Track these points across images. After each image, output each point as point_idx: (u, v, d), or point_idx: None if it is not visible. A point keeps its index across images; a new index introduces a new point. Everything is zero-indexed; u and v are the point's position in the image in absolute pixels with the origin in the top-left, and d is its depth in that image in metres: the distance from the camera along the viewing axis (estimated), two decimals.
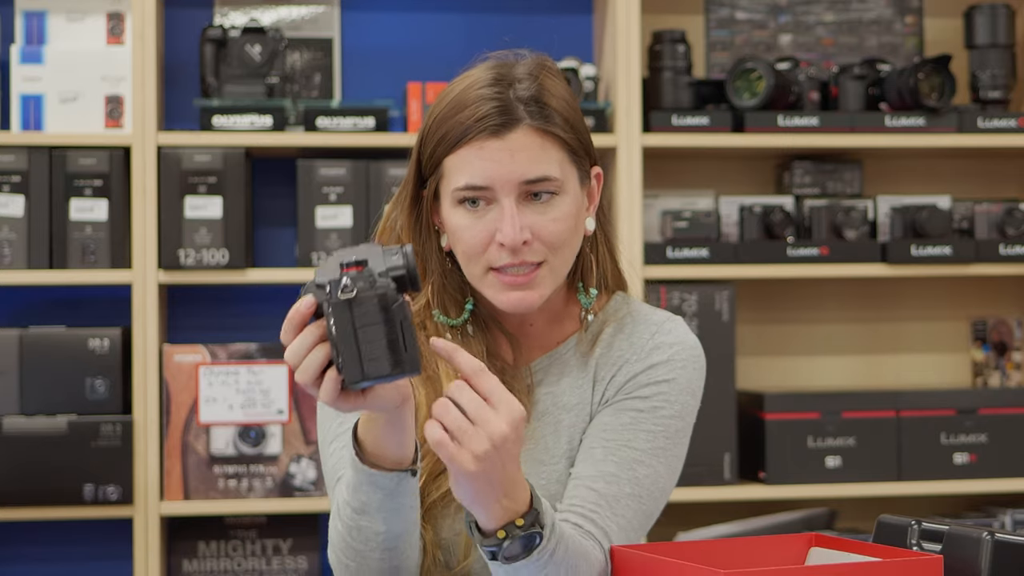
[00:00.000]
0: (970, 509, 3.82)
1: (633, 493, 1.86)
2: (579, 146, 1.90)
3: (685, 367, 1.95)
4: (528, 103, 1.86)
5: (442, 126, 1.87)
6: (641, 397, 1.92)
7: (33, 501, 3.34)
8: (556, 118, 1.87)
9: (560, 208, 1.87)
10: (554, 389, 1.96)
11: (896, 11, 4.00)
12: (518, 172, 1.84)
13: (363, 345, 1.56)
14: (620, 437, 1.89)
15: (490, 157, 1.84)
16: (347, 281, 1.57)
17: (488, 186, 1.84)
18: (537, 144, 1.85)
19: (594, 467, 1.87)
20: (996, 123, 3.71)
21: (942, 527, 1.66)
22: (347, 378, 1.57)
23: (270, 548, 3.60)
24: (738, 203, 3.73)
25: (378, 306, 1.56)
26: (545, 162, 1.85)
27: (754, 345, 3.86)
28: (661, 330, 1.97)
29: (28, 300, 3.62)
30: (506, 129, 1.84)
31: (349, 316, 1.56)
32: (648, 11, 3.72)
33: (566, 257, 1.90)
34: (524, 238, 1.84)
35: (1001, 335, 3.95)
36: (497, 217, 1.85)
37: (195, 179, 3.44)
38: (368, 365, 1.56)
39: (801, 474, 3.57)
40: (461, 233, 1.87)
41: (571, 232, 1.89)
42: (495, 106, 1.85)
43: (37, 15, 3.56)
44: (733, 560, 1.68)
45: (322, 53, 3.76)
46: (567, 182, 1.88)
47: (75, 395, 3.39)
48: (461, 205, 1.86)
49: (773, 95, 3.61)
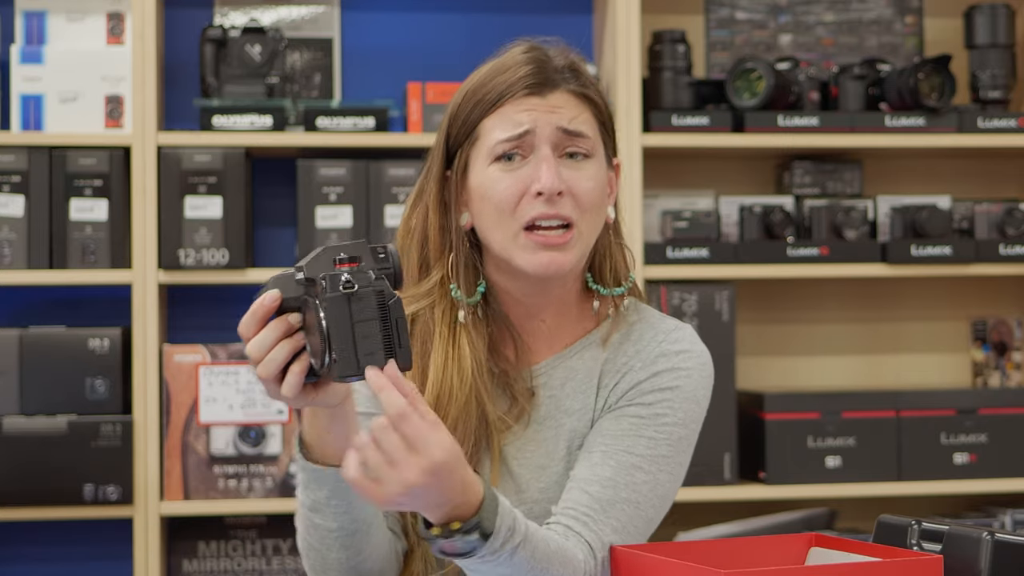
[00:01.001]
0: (970, 509, 3.82)
1: (630, 499, 1.85)
2: (609, 123, 1.96)
3: (691, 375, 1.94)
4: (563, 71, 1.92)
5: (478, 92, 1.92)
6: (644, 404, 1.91)
7: (33, 501, 3.34)
8: (591, 87, 1.94)
9: (592, 170, 1.91)
10: (557, 393, 1.95)
11: (896, 11, 4.00)
12: (558, 121, 1.89)
13: (360, 340, 1.57)
14: (619, 443, 1.88)
15: (531, 109, 1.89)
16: (347, 276, 1.58)
17: (530, 129, 1.87)
18: (575, 105, 1.91)
19: (591, 471, 1.86)
20: (996, 123, 3.71)
21: (942, 527, 1.66)
22: (340, 371, 1.58)
23: (270, 548, 3.60)
24: (738, 203, 3.73)
25: (376, 302, 1.58)
26: (582, 121, 1.91)
27: (754, 345, 3.86)
28: (668, 338, 1.96)
29: (28, 300, 3.62)
30: (545, 89, 1.90)
31: (347, 310, 1.57)
32: (648, 11, 3.72)
33: (594, 226, 1.92)
34: (561, 187, 1.87)
35: (1001, 335, 3.95)
36: (533, 168, 1.88)
37: (195, 179, 3.44)
38: (364, 359, 1.57)
39: (801, 474, 3.57)
40: (495, 188, 1.89)
41: (600, 199, 1.92)
42: (534, 68, 1.91)
43: (37, 15, 3.56)
44: (733, 560, 1.68)
45: (322, 53, 3.77)
46: (597, 150, 1.93)
47: (75, 395, 3.39)
48: (496, 162, 1.89)
49: (773, 95, 3.61)
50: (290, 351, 1.63)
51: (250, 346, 1.64)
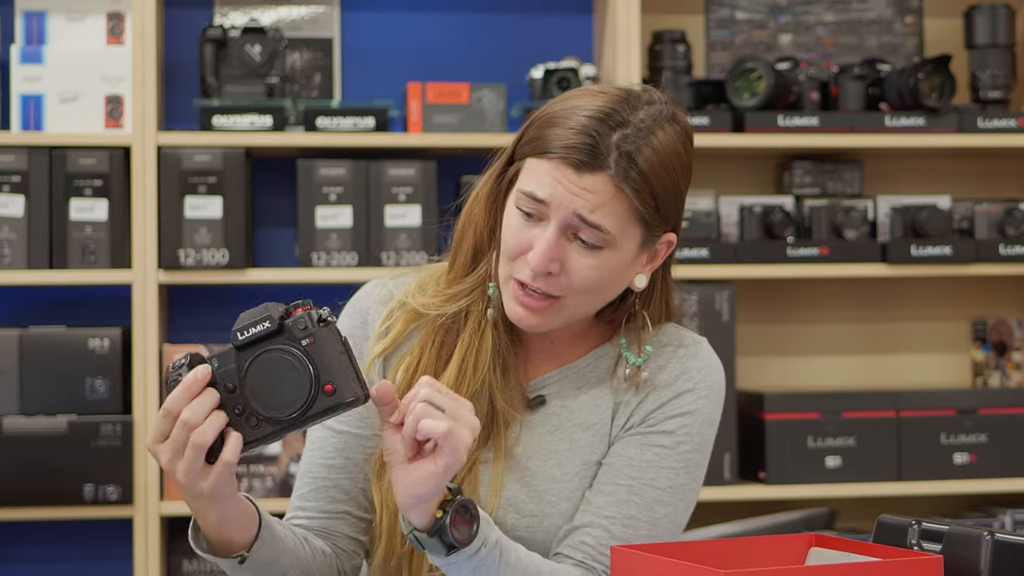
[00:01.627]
0: (970, 509, 3.82)
1: (649, 535, 1.88)
2: (655, 213, 1.85)
3: (709, 396, 1.95)
4: (620, 156, 1.81)
5: (542, 129, 1.85)
6: (666, 432, 1.91)
7: (33, 501, 3.34)
8: (639, 182, 1.82)
9: (602, 258, 1.84)
10: (570, 403, 1.94)
11: (896, 11, 4.00)
12: (577, 204, 1.81)
13: (356, 362, 1.64)
14: (644, 475, 1.89)
15: (560, 181, 1.81)
16: (322, 312, 1.64)
17: (546, 201, 1.82)
18: (609, 195, 1.82)
19: (615, 508, 1.88)
20: (996, 123, 3.71)
21: (942, 527, 1.66)
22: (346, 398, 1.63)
23: None
24: (738, 203, 3.73)
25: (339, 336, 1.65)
26: (606, 214, 1.82)
27: (754, 345, 3.86)
28: (688, 353, 1.96)
29: (28, 300, 3.62)
30: (586, 169, 1.81)
31: (335, 338, 1.63)
32: (648, 11, 3.72)
33: (587, 302, 1.88)
34: (550, 269, 1.83)
35: (1001, 335, 3.95)
36: (536, 237, 1.84)
37: (195, 179, 3.44)
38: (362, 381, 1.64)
39: (801, 474, 3.57)
40: (507, 232, 1.87)
41: (604, 283, 1.87)
42: (587, 142, 1.81)
43: (37, 15, 3.56)
44: (733, 560, 1.68)
45: (322, 53, 3.76)
46: (622, 240, 1.85)
47: (75, 395, 3.39)
48: (519, 208, 1.85)
49: (773, 95, 3.61)
50: (225, 419, 1.65)
51: (187, 412, 1.64)
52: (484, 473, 1.91)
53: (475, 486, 1.90)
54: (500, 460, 1.90)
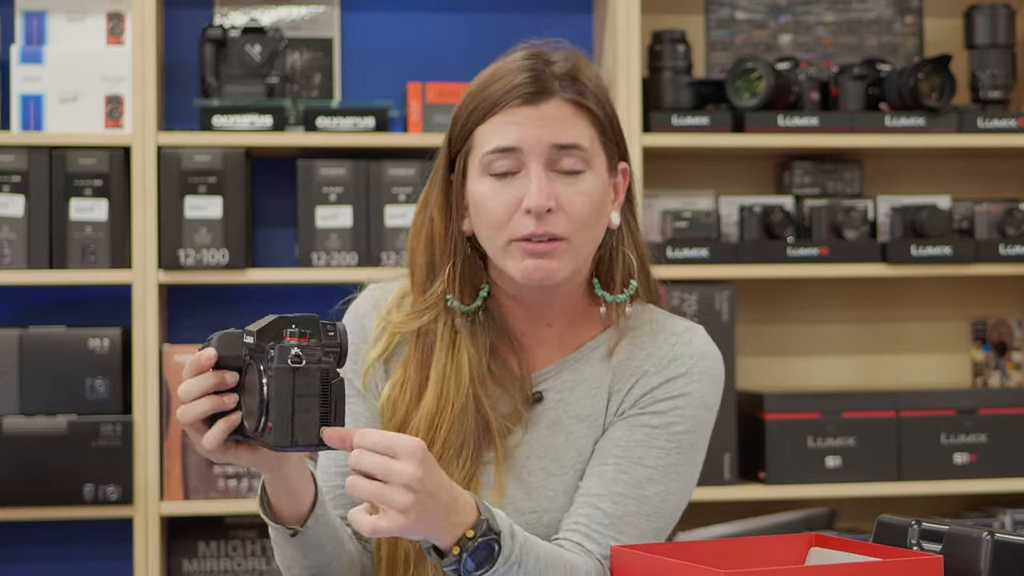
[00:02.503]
0: (970, 509, 3.82)
1: (640, 512, 1.86)
2: (610, 129, 1.90)
3: (702, 380, 1.93)
4: (562, 78, 1.87)
5: (475, 99, 1.88)
6: (656, 412, 1.91)
7: (33, 501, 3.34)
8: (590, 95, 1.88)
9: (587, 183, 1.86)
10: (566, 397, 1.94)
11: (896, 11, 4.00)
12: (549, 136, 1.84)
13: (298, 413, 1.60)
14: (632, 454, 1.89)
15: (521, 122, 1.84)
16: (297, 351, 1.60)
17: (518, 147, 1.84)
18: (569, 114, 1.86)
19: (603, 486, 1.87)
20: (996, 123, 3.71)
21: (942, 527, 1.66)
22: (273, 440, 1.61)
23: (270, 548, 3.59)
24: (738, 203, 3.73)
25: (319, 379, 1.61)
26: (576, 131, 1.86)
27: (754, 345, 3.86)
28: (681, 340, 1.95)
29: (28, 300, 3.62)
30: (540, 98, 1.85)
31: (291, 384, 1.60)
32: (648, 11, 3.71)
33: (589, 238, 1.89)
34: (550, 205, 1.83)
35: (1001, 335, 3.95)
36: (524, 184, 1.84)
37: (195, 179, 3.44)
38: (298, 432, 1.60)
39: (801, 474, 3.57)
40: (486, 202, 1.86)
41: (596, 212, 1.88)
42: (529, 76, 1.86)
43: (37, 15, 3.56)
44: (733, 560, 1.68)
45: (322, 53, 3.76)
46: (595, 159, 1.88)
47: (75, 395, 3.39)
48: (488, 175, 1.86)
49: (773, 95, 3.61)
50: (212, 407, 1.65)
51: (179, 389, 1.67)
52: (486, 474, 1.91)
53: (479, 489, 1.90)
54: (501, 461, 1.90)
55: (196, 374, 1.66)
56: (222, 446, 1.67)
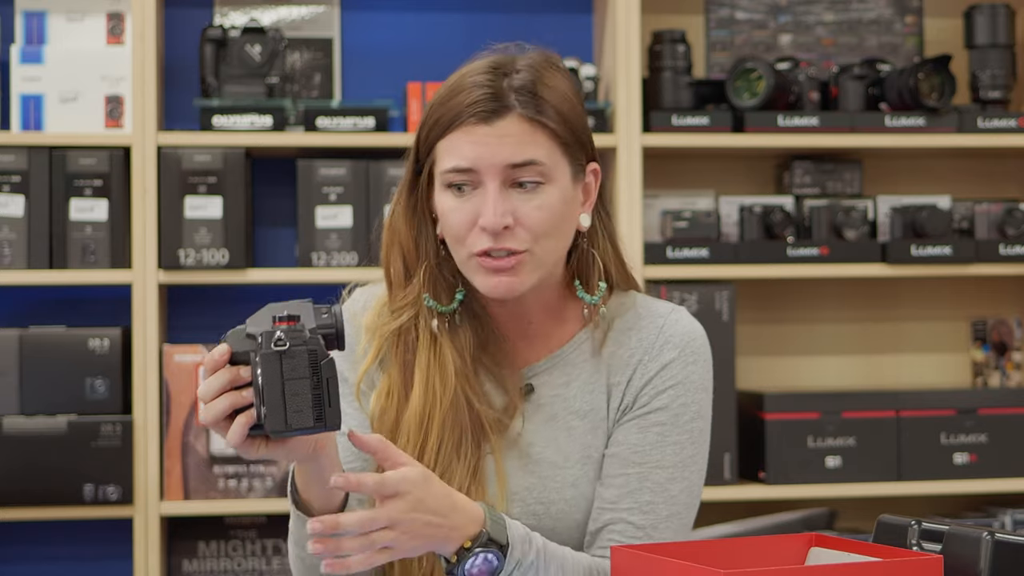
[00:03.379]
0: (970, 509, 3.82)
1: (671, 513, 1.90)
2: (572, 139, 1.89)
3: (696, 362, 1.95)
4: (520, 92, 1.86)
5: (436, 111, 1.88)
6: (661, 408, 1.92)
7: (33, 501, 3.34)
8: (548, 110, 1.87)
9: (546, 197, 1.86)
10: (563, 392, 1.95)
11: (896, 11, 4.00)
12: (503, 156, 1.84)
13: (289, 397, 1.60)
14: (650, 458, 1.91)
15: (477, 141, 1.84)
16: (280, 334, 1.61)
17: (473, 168, 1.84)
18: (526, 131, 1.85)
19: (631, 497, 1.89)
20: (996, 123, 3.71)
21: (942, 527, 1.66)
22: (269, 427, 1.60)
23: (270, 548, 3.60)
24: (738, 203, 3.73)
25: (307, 361, 1.60)
26: (532, 148, 1.85)
27: (754, 345, 3.86)
28: (668, 322, 1.96)
29: (28, 300, 3.62)
30: (495, 116, 1.85)
31: (279, 368, 1.60)
32: (648, 11, 3.72)
33: (552, 248, 1.89)
34: (505, 223, 1.84)
35: (1001, 335, 3.95)
36: (481, 201, 1.85)
37: (195, 179, 3.44)
38: (292, 416, 1.60)
39: (801, 474, 3.57)
40: (448, 217, 1.87)
41: (557, 222, 1.88)
42: (486, 93, 1.85)
43: (37, 15, 3.56)
44: (733, 560, 1.68)
45: (322, 53, 3.76)
46: (555, 172, 1.87)
47: (75, 395, 3.39)
48: (449, 189, 1.87)
49: (773, 95, 3.61)
50: (232, 403, 1.65)
51: (198, 391, 1.68)
52: (488, 464, 1.91)
53: (483, 483, 1.90)
54: (499, 451, 1.91)
55: (212, 372, 1.67)
56: (247, 441, 1.66)
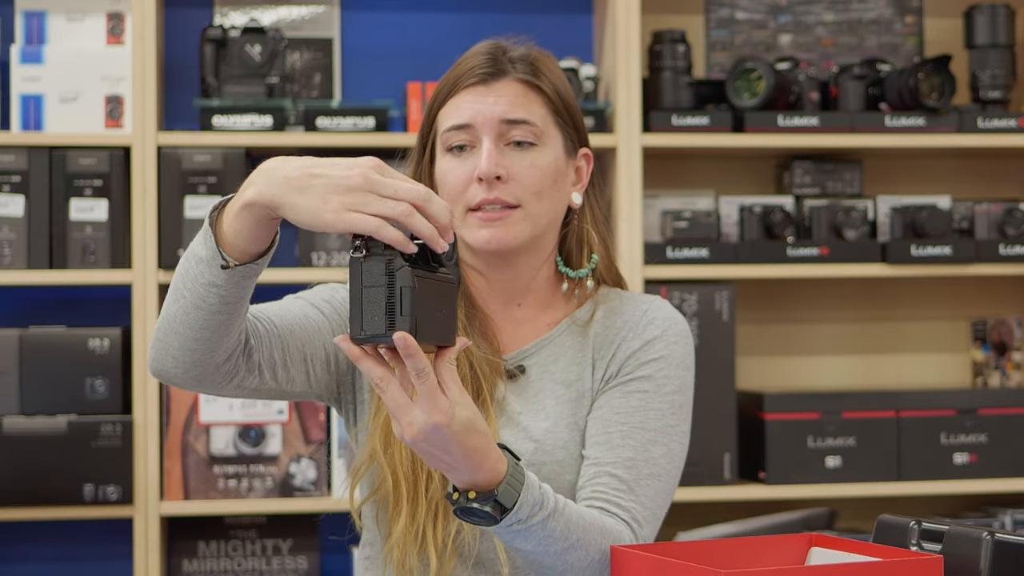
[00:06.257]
0: (970, 509, 3.82)
1: (652, 473, 1.95)
2: (565, 112, 2.02)
3: (678, 342, 2.04)
4: (517, 61, 2.01)
5: (439, 86, 2.02)
6: (644, 376, 2.00)
7: (33, 501, 3.34)
8: (544, 79, 2.01)
9: (538, 156, 1.99)
10: (550, 367, 2.03)
11: (896, 11, 4.00)
12: (499, 111, 1.97)
13: (366, 304, 1.65)
14: (632, 419, 1.97)
15: (475, 100, 1.98)
16: (360, 242, 1.69)
17: (470, 123, 1.97)
18: (521, 93, 2.00)
19: (613, 453, 1.95)
20: (996, 123, 3.71)
21: (942, 527, 1.66)
22: (352, 333, 1.65)
23: (270, 548, 3.60)
24: (738, 203, 3.73)
25: (384, 270, 1.65)
26: (527, 108, 1.99)
27: (754, 345, 3.86)
28: (652, 307, 2.07)
29: (28, 300, 3.62)
30: (493, 78, 1.99)
31: (359, 274, 1.66)
32: (648, 11, 3.72)
33: (544, 207, 2.00)
34: (499, 172, 1.95)
35: (1001, 335, 3.95)
36: (478, 157, 1.97)
37: (195, 179, 3.44)
38: (367, 323, 1.64)
39: (801, 474, 3.57)
40: (446, 176, 2.00)
41: (549, 182, 1.99)
42: (485, 59, 2.00)
43: (37, 15, 3.56)
44: (733, 560, 1.68)
45: (322, 53, 3.77)
46: (548, 135, 2.00)
47: (75, 395, 3.39)
48: (449, 153, 2.00)
49: (773, 95, 3.61)
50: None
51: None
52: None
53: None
54: (491, 417, 1.97)
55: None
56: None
